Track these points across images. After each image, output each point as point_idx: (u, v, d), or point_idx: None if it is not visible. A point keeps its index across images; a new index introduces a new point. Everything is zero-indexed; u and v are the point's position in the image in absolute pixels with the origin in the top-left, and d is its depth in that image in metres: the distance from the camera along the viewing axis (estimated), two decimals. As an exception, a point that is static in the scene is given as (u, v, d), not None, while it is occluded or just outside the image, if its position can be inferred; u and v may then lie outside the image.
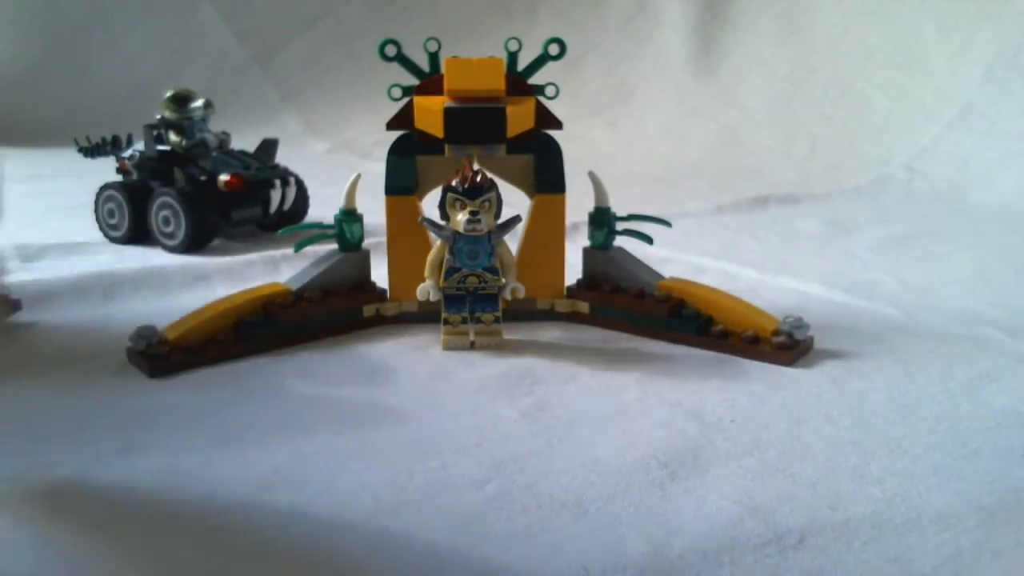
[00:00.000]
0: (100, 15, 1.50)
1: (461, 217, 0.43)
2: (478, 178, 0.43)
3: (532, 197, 0.49)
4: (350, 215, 0.49)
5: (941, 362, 0.43)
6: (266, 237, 0.69)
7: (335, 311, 0.48)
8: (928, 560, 0.27)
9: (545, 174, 0.48)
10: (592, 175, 0.49)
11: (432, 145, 0.46)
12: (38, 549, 0.28)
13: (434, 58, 0.47)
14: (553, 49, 0.47)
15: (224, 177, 0.65)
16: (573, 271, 0.50)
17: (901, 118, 1.03)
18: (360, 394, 0.40)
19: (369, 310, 0.49)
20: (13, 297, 0.49)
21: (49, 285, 0.54)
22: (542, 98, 0.47)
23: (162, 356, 0.42)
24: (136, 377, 0.42)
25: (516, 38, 0.47)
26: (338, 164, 1.06)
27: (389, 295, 0.49)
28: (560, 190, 0.48)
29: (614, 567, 0.27)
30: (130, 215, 0.67)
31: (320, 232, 0.50)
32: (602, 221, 0.49)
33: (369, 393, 0.40)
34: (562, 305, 0.50)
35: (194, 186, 0.66)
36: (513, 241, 0.47)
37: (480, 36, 1.28)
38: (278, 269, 0.59)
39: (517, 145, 0.46)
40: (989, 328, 0.48)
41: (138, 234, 0.67)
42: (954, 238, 0.71)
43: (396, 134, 0.48)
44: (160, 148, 0.67)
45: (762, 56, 1.21)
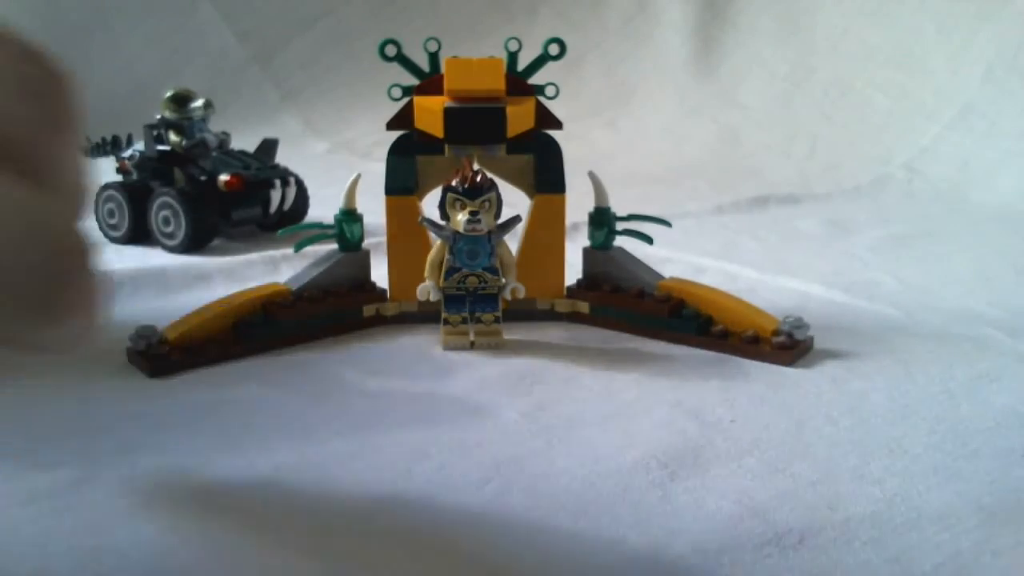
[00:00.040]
0: (100, 15, 1.50)
1: (461, 217, 0.43)
2: (478, 178, 0.43)
3: (532, 197, 0.49)
4: (350, 215, 0.49)
5: (941, 362, 0.43)
6: (266, 237, 0.69)
7: (335, 311, 0.48)
8: (928, 560, 0.27)
9: (545, 174, 0.48)
10: (592, 175, 0.49)
11: (432, 145, 0.46)
12: (43, 548, 0.28)
13: (434, 58, 0.47)
14: (553, 49, 0.47)
15: (224, 177, 0.65)
16: (573, 271, 0.50)
17: (901, 118, 1.03)
18: (360, 394, 0.40)
19: (369, 310, 0.49)
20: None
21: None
22: (542, 98, 0.47)
23: (162, 356, 0.42)
24: (136, 377, 0.42)
25: (516, 38, 0.47)
26: (338, 164, 1.06)
27: (389, 295, 0.49)
28: (560, 190, 0.48)
29: (614, 567, 0.27)
30: (130, 215, 0.67)
31: (320, 232, 0.50)
32: (602, 221, 0.49)
33: (369, 393, 0.40)
34: (562, 305, 0.50)
35: (194, 186, 0.66)
36: (513, 241, 0.47)
37: (480, 36, 1.28)
38: (278, 269, 0.59)
39: (517, 145, 0.46)
40: (989, 328, 0.48)
41: (138, 234, 0.67)
42: (954, 238, 0.71)
43: (396, 134, 0.48)
44: (160, 148, 0.67)
45: (762, 56, 1.21)
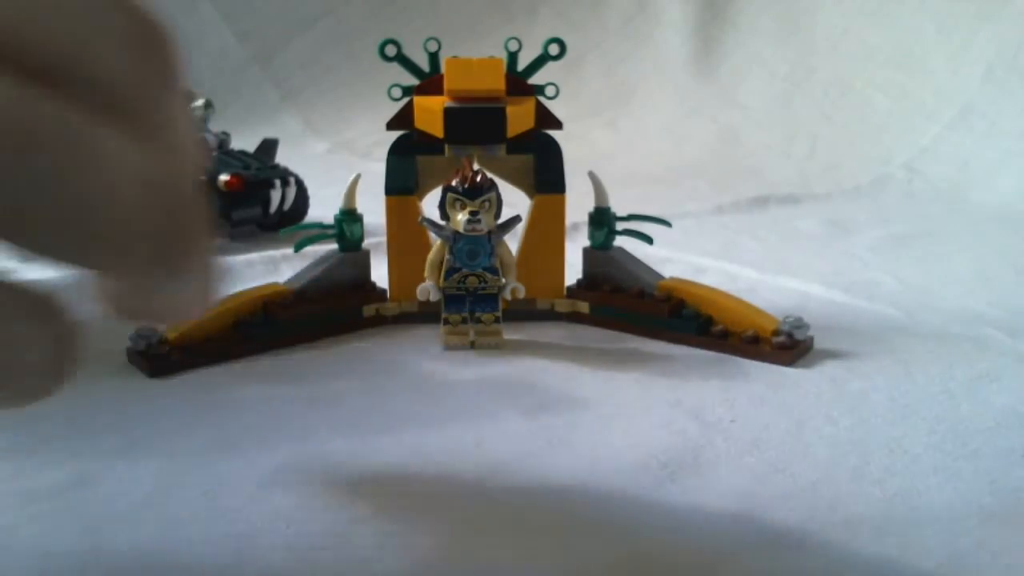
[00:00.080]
0: (100, 15, 1.50)
1: (461, 217, 0.43)
2: (478, 178, 0.43)
3: (532, 197, 0.49)
4: (350, 215, 0.49)
5: (941, 362, 0.43)
6: (266, 237, 0.69)
7: (335, 311, 0.48)
8: (928, 560, 0.27)
9: (545, 174, 0.48)
10: (592, 175, 0.49)
11: (432, 145, 0.46)
12: (43, 548, 0.28)
13: (434, 58, 0.47)
14: (553, 49, 0.47)
15: (224, 177, 0.65)
16: (573, 271, 0.50)
17: (901, 118, 1.03)
18: (360, 394, 0.40)
19: (369, 310, 0.49)
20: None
21: (49, 285, 0.53)
22: (542, 98, 0.47)
23: (162, 356, 0.42)
24: (136, 377, 0.42)
25: (516, 38, 0.47)
26: (338, 164, 1.06)
27: (389, 295, 0.49)
28: (560, 190, 0.48)
29: (614, 567, 0.27)
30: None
31: (320, 232, 0.50)
32: (602, 221, 0.49)
33: (369, 393, 0.40)
34: (562, 305, 0.50)
35: (194, 186, 0.66)
36: (513, 241, 0.47)
37: (480, 36, 1.28)
38: (278, 269, 0.59)
39: (517, 145, 0.46)
40: (989, 328, 0.48)
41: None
42: (954, 238, 0.71)
43: (396, 134, 0.48)
44: (160, 148, 0.67)
45: (762, 56, 1.21)
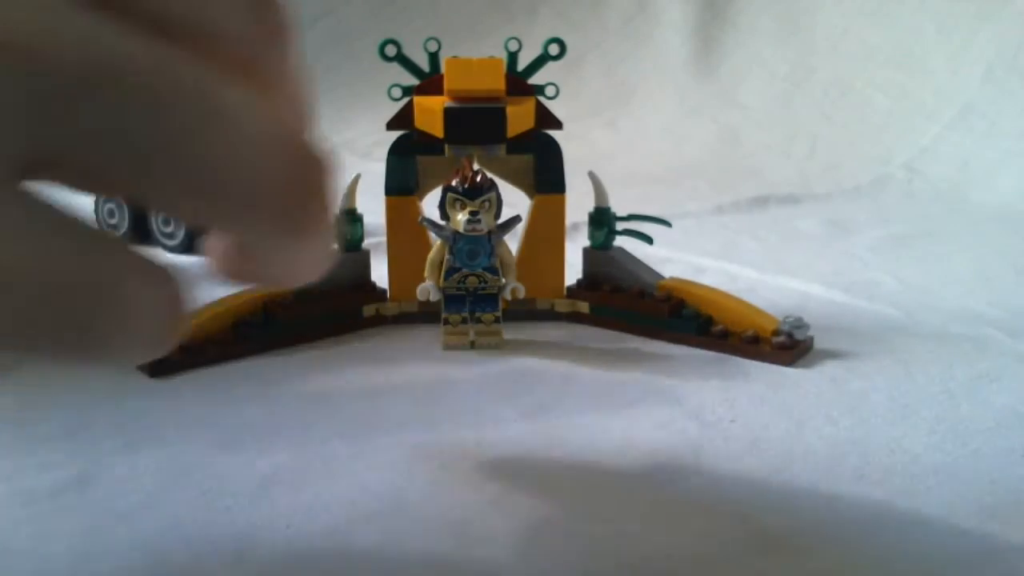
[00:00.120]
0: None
1: (461, 217, 0.43)
2: (478, 178, 0.43)
3: (532, 197, 0.49)
4: (350, 215, 0.49)
5: (941, 362, 0.43)
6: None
7: (335, 311, 0.48)
8: (928, 560, 0.27)
9: (545, 174, 0.48)
10: (592, 175, 0.49)
11: (432, 145, 0.46)
12: (43, 548, 0.28)
13: (434, 58, 0.47)
14: (553, 49, 0.47)
15: (224, 177, 0.65)
16: (573, 271, 0.50)
17: (901, 118, 1.03)
18: (360, 394, 0.40)
19: (369, 310, 0.49)
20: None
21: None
22: (542, 98, 0.47)
23: (162, 356, 0.42)
24: (136, 377, 0.42)
25: (516, 38, 0.47)
26: (338, 164, 1.06)
27: (389, 295, 0.49)
28: (560, 190, 0.48)
29: (614, 567, 0.27)
30: (130, 215, 0.67)
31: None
32: (602, 221, 0.49)
33: (369, 393, 0.40)
34: (562, 305, 0.50)
35: (194, 186, 0.66)
36: (513, 241, 0.47)
37: (480, 36, 1.28)
38: (278, 269, 0.59)
39: (517, 145, 0.46)
40: (989, 328, 0.48)
41: (138, 234, 0.67)
42: (954, 238, 0.71)
43: (396, 134, 0.48)
44: (160, 148, 0.67)
45: (762, 56, 1.21)
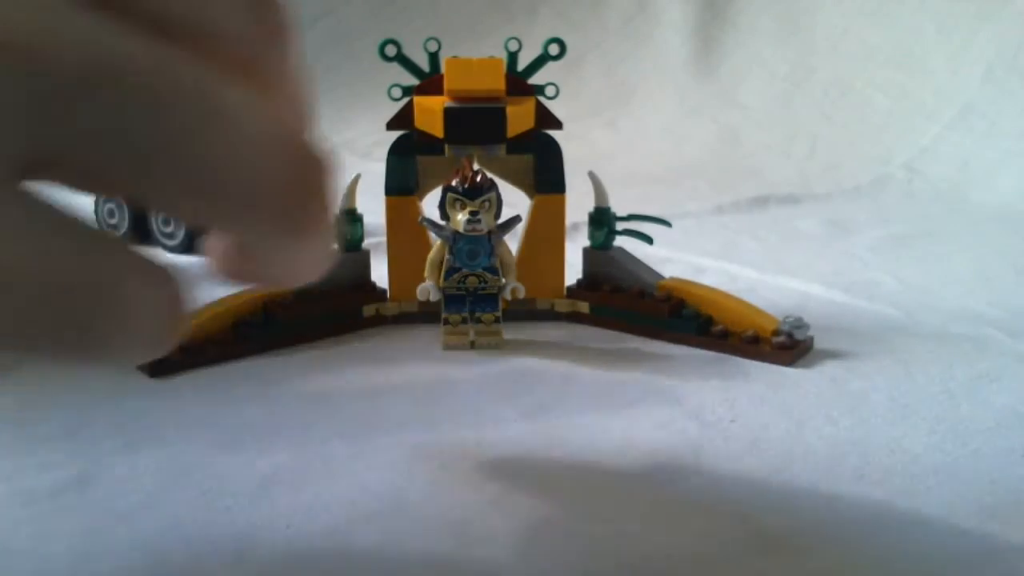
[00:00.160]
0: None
1: (461, 217, 0.43)
2: (478, 178, 0.43)
3: (532, 197, 0.49)
4: (350, 215, 0.49)
5: (941, 362, 0.43)
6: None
7: (335, 311, 0.48)
8: (928, 560, 0.27)
9: (545, 174, 0.48)
10: (592, 175, 0.49)
11: (432, 145, 0.46)
12: (43, 548, 0.28)
13: (434, 58, 0.47)
14: (553, 49, 0.47)
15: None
16: (573, 271, 0.50)
17: (901, 118, 1.03)
18: (360, 394, 0.40)
19: (369, 310, 0.49)
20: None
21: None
22: (542, 98, 0.47)
23: (162, 356, 0.42)
24: (136, 377, 0.41)
25: (516, 38, 0.47)
26: (338, 164, 1.06)
27: (389, 295, 0.49)
28: (560, 190, 0.48)
29: (614, 567, 0.27)
30: (130, 215, 0.67)
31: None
32: (602, 221, 0.49)
33: (369, 393, 0.40)
34: (562, 305, 0.50)
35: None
36: (513, 241, 0.47)
37: (480, 36, 1.28)
38: (278, 269, 0.59)
39: (517, 145, 0.46)
40: (989, 328, 0.48)
41: (138, 234, 0.67)
42: (954, 238, 0.71)
43: (396, 134, 0.48)
44: (160, 148, 0.67)
45: (762, 56, 1.21)
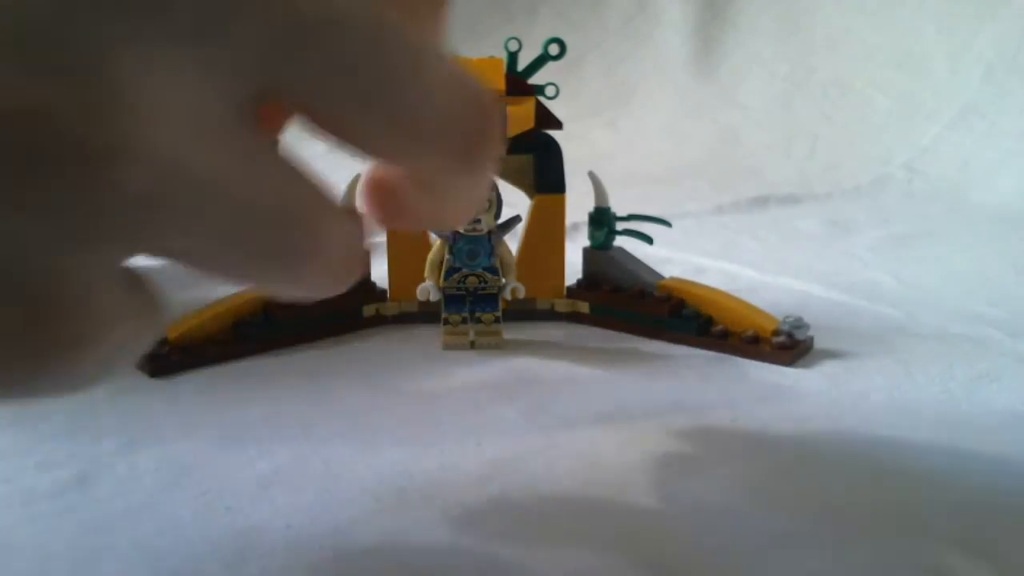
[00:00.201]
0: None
1: (461, 217, 0.43)
2: (478, 178, 0.43)
3: (532, 197, 0.49)
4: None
5: (941, 362, 0.43)
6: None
7: (335, 311, 0.48)
8: (929, 560, 0.27)
9: (545, 174, 0.48)
10: (592, 175, 0.49)
11: (432, 145, 0.46)
12: (43, 548, 0.28)
13: (434, 58, 0.47)
14: (553, 49, 0.47)
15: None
16: (573, 271, 0.50)
17: (901, 118, 1.03)
18: (360, 394, 0.40)
19: (369, 310, 0.49)
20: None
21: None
22: (542, 98, 0.47)
23: (162, 356, 0.42)
24: (136, 377, 0.42)
25: (516, 38, 0.47)
26: (338, 164, 1.06)
27: (389, 295, 0.49)
28: (560, 190, 0.48)
29: (614, 567, 0.27)
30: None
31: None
32: (602, 221, 0.49)
33: (369, 393, 0.40)
34: (562, 305, 0.50)
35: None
36: (513, 241, 0.47)
37: (480, 36, 1.27)
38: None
39: (517, 145, 0.46)
40: (989, 328, 0.48)
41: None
42: (954, 238, 0.71)
43: (396, 134, 0.48)
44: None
45: (762, 56, 1.21)
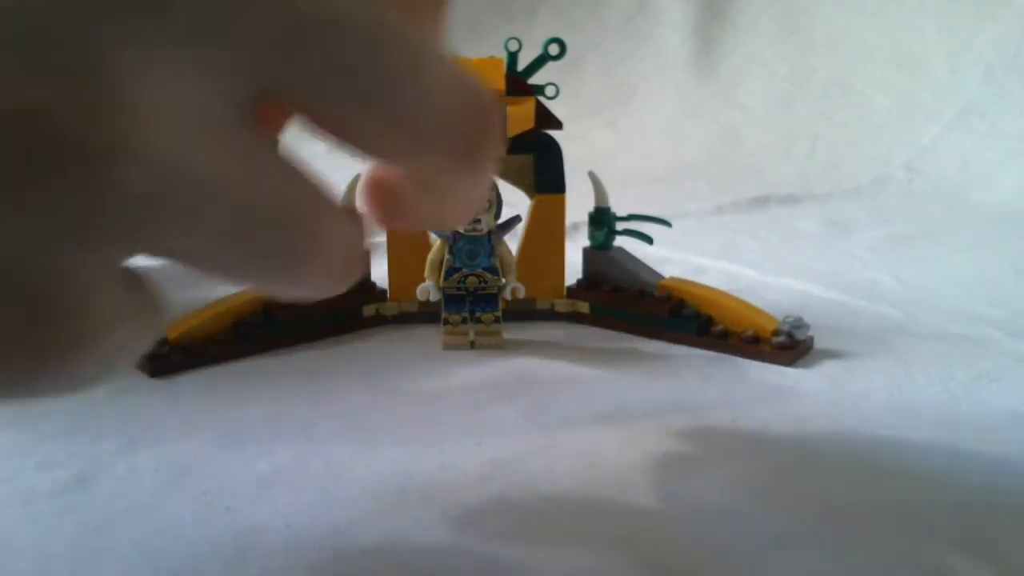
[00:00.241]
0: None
1: (461, 217, 0.43)
2: (478, 178, 0.43)
3: (532, 197, 0.49)
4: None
5: (941, 362, 0.43)
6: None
7: (335, 311, 0.48)
8: (929, 560, 0.27)
9: (545, 174, 0.48)
10: (592, 175, 0.49)
11: (432, 145, 0.46)
12: (43, 548, 0.28)
13: (434, 58, 0.47)
14: (553, 49, 0.47)
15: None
16: (573, 271, 0.50)
17: (901, 118, 1.03)
18: (360, 394, 0.40)
19: (369, 310, 0.49)
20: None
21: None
22: (542, 98, 0.47)
23: (162, 356, 0.42)
24: (136, 377, 0.42)
25: (516, 38, 0.47)
26: (338, 164, 1.06)
27: (389, 295, 0.49)
28: (560, 190, 0.48)
29: (614, 567, 0.27)
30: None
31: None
32: (602, 221, 0.49)
33: (369, 393, 0.40)
34: (562, 305, 0.50)
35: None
36: (513, 241, 0.47)
37: (480, 36, 1.27)
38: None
39: (517, 145, 0.46)
40: (989, 328, 0.48)
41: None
42: (954, 238, 0.71)
43: (396, 134, 0.48)
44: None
45: (762, 56, 1.21)
